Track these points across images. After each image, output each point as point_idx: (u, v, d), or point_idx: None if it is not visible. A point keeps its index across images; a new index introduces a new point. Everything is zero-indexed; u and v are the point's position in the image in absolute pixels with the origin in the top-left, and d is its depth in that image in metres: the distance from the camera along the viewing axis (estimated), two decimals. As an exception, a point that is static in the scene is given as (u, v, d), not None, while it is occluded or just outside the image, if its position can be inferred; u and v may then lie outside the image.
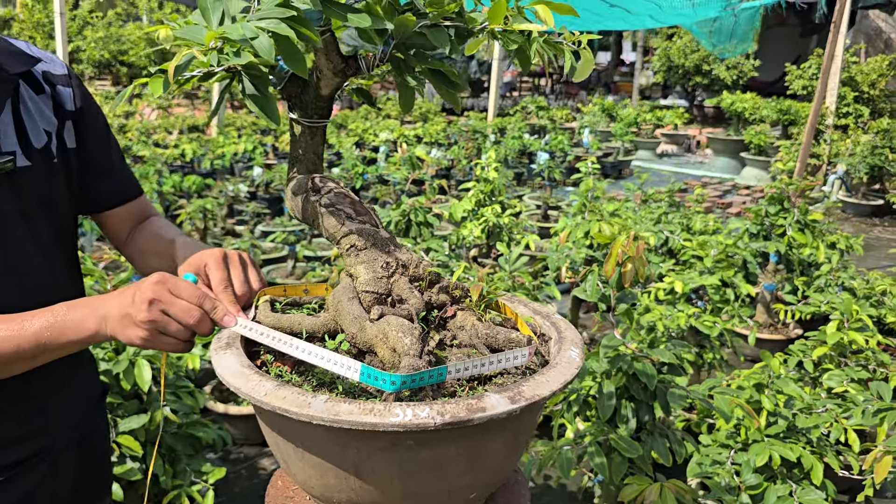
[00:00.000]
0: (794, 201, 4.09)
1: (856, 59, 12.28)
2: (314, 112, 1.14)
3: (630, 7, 7.39)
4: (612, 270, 1.68)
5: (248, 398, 0.85)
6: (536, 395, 0.83)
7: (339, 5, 0.97)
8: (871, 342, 3.07)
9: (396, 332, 0.89)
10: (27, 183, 1.19)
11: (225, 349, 0.96)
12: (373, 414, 0.78)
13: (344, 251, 1.02)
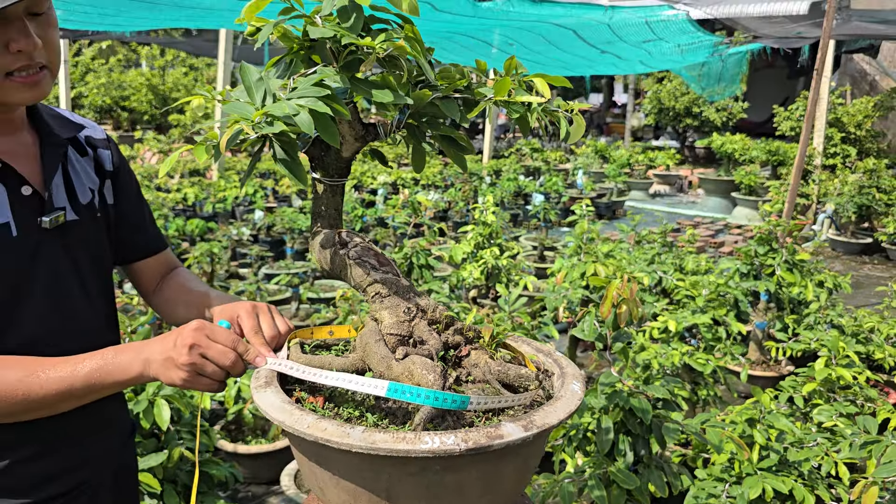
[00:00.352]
0: (783, 241, 4.23)
1: (842, 101, 12.62)
2: (335, 172, 1.27)
3: (621, 53, 7.66)
4: (608, 311, 1.80)
5: (291, 430, 0.96)
6: (546, 424, 0.95)
7: (364, 82, 1.11)
8: (859, 378, 3.18)
9: (420, 370, 1.00)
10: (76, 235, 1.33)
11: (264, 388, 1.07)
12: (405, 442, 0.89)
13: (370, 298, 1.14)
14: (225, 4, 4.76)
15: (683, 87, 14.89)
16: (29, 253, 1.24)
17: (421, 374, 1.00)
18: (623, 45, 7.20)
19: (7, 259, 1.21)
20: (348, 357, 1.13)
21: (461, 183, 10.23)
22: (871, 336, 4.16)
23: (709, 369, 3.24)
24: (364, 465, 0.94)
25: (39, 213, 1.26)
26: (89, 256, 1.36)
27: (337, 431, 0.92)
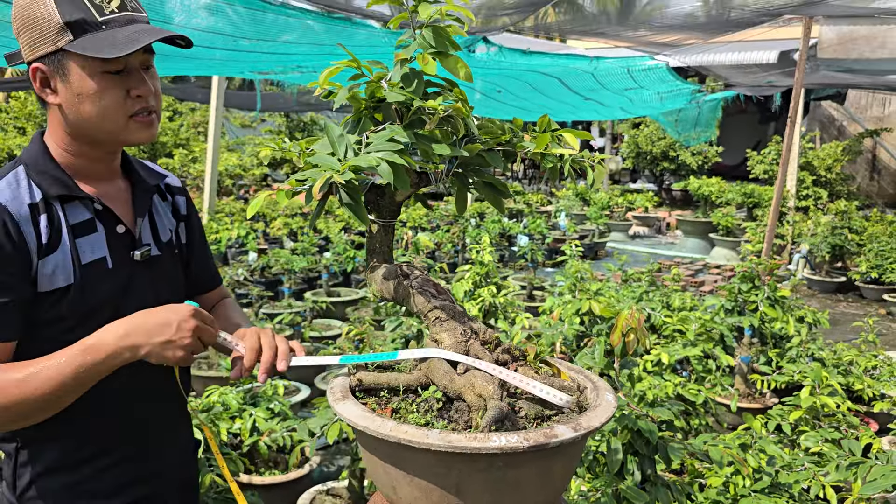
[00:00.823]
0: (764, 279, 4.46)
1: (812, 146, 13.11)
2: (388, 214, 1.45)
3: (603, 100, 7.99)
4: (618, 340, 1.98)
5: (375, 434, 1.11)
6: (591, 426, 1.12)
7: (426, 138, 1.30)
8: (842, 406, 3.38)
9: (482, 382, 1.17)
10: (159, 268, 1.52)
11: (342, 400, 1.23)
12: (477, 440, 1.05)
13: (430, 322, 1.31)
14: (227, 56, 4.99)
15: (660, 131, 15.38)
16: (122, 283, 1.43)
17: (482, 386, 1.17)
18: (606, 93, 7.54)
19: (105, 288, 1.39)
20: (413, 373, 1.29)
21: (447, 225, 10.45)
22: (850, 368, 4.38)
23: (700, 399, 3.41)
24: (437, 463, 1.10)
25: (131, 248, 1.46)
26: (169, 288, 1.55)
27: (417, 433, 1.08)
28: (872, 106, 14.60)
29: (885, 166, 14.73)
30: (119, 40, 1.29)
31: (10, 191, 1.32)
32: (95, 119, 1.34)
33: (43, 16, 1.27)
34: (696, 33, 6.06)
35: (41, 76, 1.33)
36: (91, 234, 1.39)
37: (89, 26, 1.29)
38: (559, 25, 6.09)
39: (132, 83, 1.35)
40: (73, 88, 1.31)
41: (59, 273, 1.33)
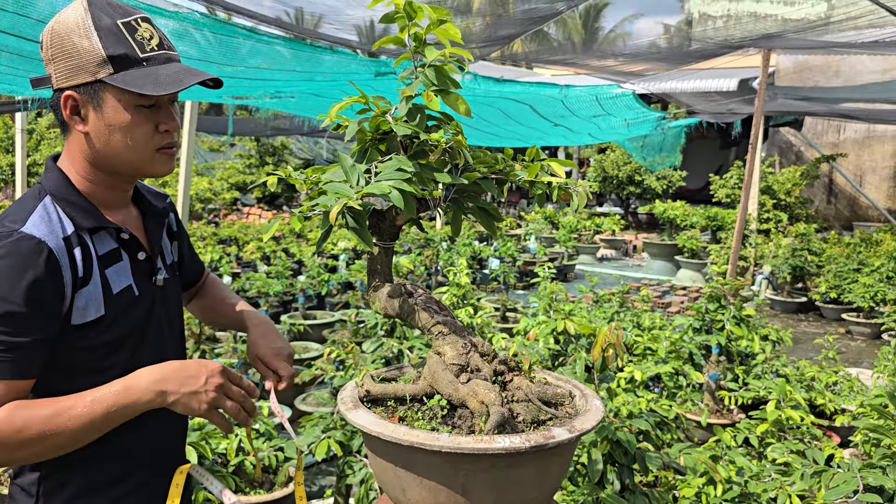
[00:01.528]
0: (730, 299, 4.64)
1: (772, 170, 13.55)
2: (388, 237, 1.56)
3: (572, 126, 8.22)
4: (598, 355, 2.10)
5: (389, 438, 1.20)
6: (584, 428, 1.24)
7: (429, 167, 1.41)
8: (805, 420, 3.55)
9: (483, 390, 1.28)
10: (169, 290, 1.60)
11: (354, 409, 1.32)
12: (483, 442, 1.16)
13: (434, 336, 1.41)
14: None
15: (626, 156, 15.75)
16: (147, 309, 1.50)
17: (484, 394, 1.28)
18: (575, 119, 7.77)
19: (133, 315, 1.46)
20: (418, 384, 1.40)
21: (418, 249, 10.56)
22: (812, 384, 4.57)
23: (672, 414, 3.55)
24: (446, 464, 1.20)
25: (150, 274, 1.53)
26: (176, 308, 1.64)
27: (429, 437, 1.18)
28: (828, 132, 15.15)
29: (841, 190, 15.26)
30: (162, 79, 1.34)
31: (45, 224, 1.34)
32: (123, 150, 1.38)
33: (85, 47, 1.31)
34: (661, 64, 6.32)
35: (72, 104, 1.35)
36: (117, 264, 1.44)
37: (131, 62, 1.34)
38: (526, 54, 6.31)
39: (162, 118, 1.41)
40: (105, 119, 1.35)
41: (91, 306, 1.37)
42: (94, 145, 1.39)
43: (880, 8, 4.61)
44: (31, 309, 1.27)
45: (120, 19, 1.35)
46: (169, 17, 4.14)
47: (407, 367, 1.62)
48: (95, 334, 1.38)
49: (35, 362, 1.30)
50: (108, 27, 1.33)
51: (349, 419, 1.30)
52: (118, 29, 1.34)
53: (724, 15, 7.18)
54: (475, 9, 5.56)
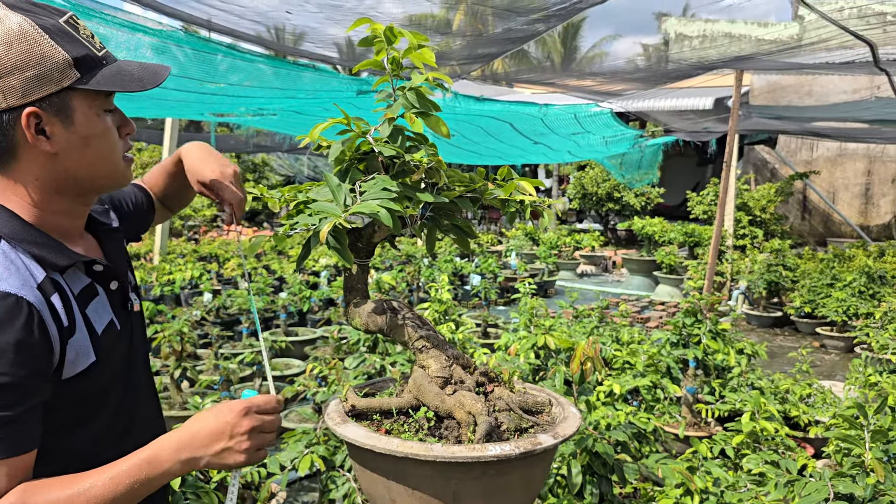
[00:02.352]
0: (706, 314, 4.74)
1: (747, 187, 13.78)
2: (364, 254, 1.61)
3: (552, 144, 8.34)
4: (577, 368, 2.16)
5: (382, 451, 1.22)
6: (566, 433, 1.30)
7: (410, 187, 1.47)
8: (780, 431, 3.63)
9: (470, 400, 1.33)
10: (139, 317, 1.46)
11: (343, 423, 1.35)
12: (476, 450, 1.20)
13: (417, 350, 1.46)
14: (194, 98, 5.11)
15: (605, 174, 15.93)
16: (128, 340, 1.37)
17: (471, 404, 1.33)
18: (554, 137, 7.89)
19: (120, 350, 1.33)
20: (403, 397, 1.44)
21: (399, 266, 10.60)
22: (787, 396, 4.67)
23: (650, 427, 3.62)
24: (437, 474, 1.23)
25: (123, 302, 1.37)
26: (144, 331, 1.50)
27: (422, 447, 1.21)
28: (802, 150, 15.46)
29: (814, 207, 15.55)
30: (136, 74, 1.23)
31: (13, 276, 1.13)
32: (97, 163, 1.23)
33: (44, 53, 1.11)
34: (638, 83, 6.45)
35: (36, 121, 1.14)
36: (95, 300, 1.27)
37: (94, 62, 1.18)
38: (507, 73, 6.42)
39: (120, 121, 1.28)
40: (78, 131, 1.18)
41: (81, 356, 1.21)
42: (63, 165, 1.20)
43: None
44: (23, 376, 1.09)
45: (59, 18, 1.17)
46: (153, 34, 4.19)
47: (387, 381, 1.66)
48: (87, 384, 1.23)
49: (35, 431, 1.13)
50: (55, 27, 1.15)
51: (339, 433, 1.32)
52: (65, 28, 1.17)
53: (699, 35, 7.34)
54: (455, 28, 5.66)
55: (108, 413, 1.29)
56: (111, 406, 1.30)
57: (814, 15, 5.04)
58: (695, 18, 6.96)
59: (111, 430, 1.30)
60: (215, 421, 1.21)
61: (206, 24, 3.89)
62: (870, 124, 9.26)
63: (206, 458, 1.19)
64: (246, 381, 5.23)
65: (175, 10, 3.34)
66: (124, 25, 3.93)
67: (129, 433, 1.34)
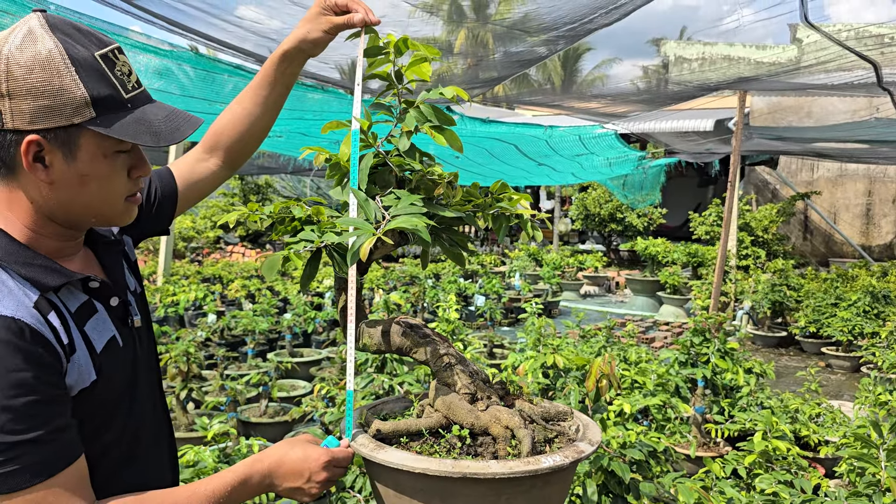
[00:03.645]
0: (714, 333, 4.73)
1: (749, 208, 13.81)
2: (360, 272, 1.58)
3: (556, 166, 8.37)
4: (593, 385, 2.16)
5: (437, 473, 1.17)
6: (597, 440, 1.30)
7: (439, 206, 1.47)
8: (792, 450, 3.61)
9: (507, 415, 1.32)
10: (143, 331, 1.41)
11: (381, 449, 1.28)
12: (531, 464, 1.19)
13: (441, 367, 1.44)
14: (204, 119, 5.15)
15: (607, 194, 15.98)
16: (132, 356, 1.33)
17: (508, 418, 1.32)
18: (558, 159, 7.92)
19: (123, 368, 1.29)
20: (431, 417, 1.41)
21: (403, 286, 10.60)
22: (796, 416, 4.64)
23: (662, 447, 3.60)
24: (490, 492, 1.20)
25: (125, 317, 1.33)
26: (151, 346, 1.46)
27: (479, 465, 1.18)
28: (802, 170, 15.52)
29: (816, 227, 15.58)
30: (156, 126, 1.18)
31: (5, 298, 1.11)
32: (94, 202, 1.20)
33: (63, 86, 1.09)
34: (641, 105, 6.50)
35: (36, 149, 1.11)
36: (93, 317, 1.24)
37: (116, 104, 1.14)
38: (508, 96, 6.47)
39: (135, 162, 1.23)
40: (78, 168, 1.15)
41: (83, 374, 1.18)
42: (56, 196, 1.17)
43: (848, 52, 4.81)
44: (44, 391, 1.09)
45: (97, 51, 1.13)
46: (164, 55, 4.23)
47: (397, 401, 1.62)
48: (91, 402, 1.20)
49: (73, 440, 1.13)
50: (86, 61, 1.11)
51: (378, 460, 1.26)
52: (98, 64, 1.13)
53: (698, 58, 7.41)
54: (457, 50, 5.71)
55: (116, 426, 1.28)
56: (118, 420, 1.28)
57: (812, 38, 5.08)
58: (693, 42, 7.03)
59: (120, 442, 1.29)
60: (301, 463, 1.33)
61: (215, 43, 3.93)
62: (870, 144, 9.30)
63: (281, 489, 1.33)
64: (252, 401, 5.21)
65: (191, 28, 3.37)
66: (136, 46, 3.97)
67: (139, 442, 1.34)
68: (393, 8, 3.57)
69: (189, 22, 3.38)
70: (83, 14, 3.38)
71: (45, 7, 2.85)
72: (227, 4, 3.11)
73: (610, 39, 56.49)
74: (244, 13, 3.52)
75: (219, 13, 3.30)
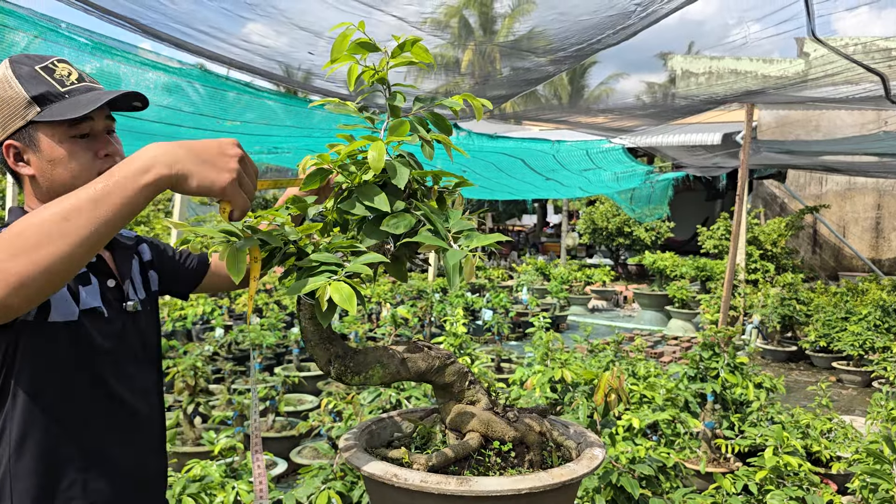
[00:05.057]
0: (724, 347, 4.70)
1: (757, 222, 13.76)
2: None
3: (563, 180, 8.38)
4: (602, 399, 2.14)
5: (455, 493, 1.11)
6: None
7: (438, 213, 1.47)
8: (803, 466, 3.57)
9: (536, 423, 1.34)
10: (143, 323, 1.62)
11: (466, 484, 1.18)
12: (586, 464, 1.21)
13: (465, 387, 1.42)
14: (210, 136, 5.19)
15: (615, 208, 15.96)
16: (117, 332, 1.53)
17: (538, 425, 1.34)
18: (566, 173, 7.93)
19: (102, 335, 1.48)
20: (472, 438, 1.32)
21: (411, 301, 10.59)
22: (807, 431, 4.60)
23: (671, 462, 3.57)
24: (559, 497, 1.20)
25: (120, 300, 1.56)
26: (152, 339, 1.66)
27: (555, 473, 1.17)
28: (811, 184, 15.47)
29: (825, 241, 15.50)
30: (81, 103, 1.41)
31: None
32: (69, 182, 1.42)
33: (10, 95, 1.39)
34: (648, 119, 6.50)
35: (14, 151, 1.43)
36: (87, 286, 1.48)
37: (53, 97, 1.41)
38: (515, 112, 6.49)
39: (98, 145, 1.46)
40: (44, 157, 1.41)
41: (62, 307, 1.39)
42: (42, 184, 1.45)
43: (855, 66, 4.80)
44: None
45: (37, 65, 1.43)
46: (172, 73, 4.26)
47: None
48: (66, 341, 1.40)
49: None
50: (27, 73, 1.41)
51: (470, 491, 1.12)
52: (36, 73, 1.42)
53: (705, 72, 7.43)
54: (464, 68, 5.73)
55: (87, 395, 1.44)
56: (87, 386, 1.45)
57: (820, 52, 5.08)
58: (700, 56, 7.04)
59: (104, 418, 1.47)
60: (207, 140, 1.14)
61: (226, 62, 3.96)
62: (879, 157, 9.26)
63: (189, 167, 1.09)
64: (260, 415, 5.19)
65: (199, 48, 3.40)
66: (145, 63, 4.00)
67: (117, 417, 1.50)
68: (398, 30, 3.59)
69: (197, 42, 3.41)
70: (93, 31, 3.41)
71: (55, 26, 2.88)
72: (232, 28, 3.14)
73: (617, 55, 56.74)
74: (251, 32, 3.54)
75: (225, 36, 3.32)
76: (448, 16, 5.81)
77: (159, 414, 1.67)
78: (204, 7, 2.75)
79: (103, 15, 2.74)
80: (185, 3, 2.67)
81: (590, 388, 3.09)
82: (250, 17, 2.93)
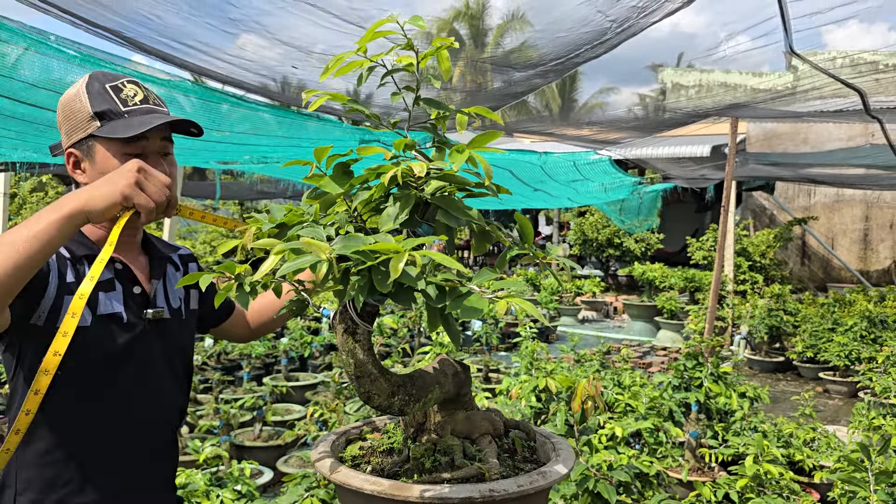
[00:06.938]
0: (707, 357, 4.74)
1: (746, 233, 13.85)
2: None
3: (552, 191, 8.44)
4: (579, 406, 2.18)
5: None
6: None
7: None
8: (785, 475, 3.61)
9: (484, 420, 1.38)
10: (168, 329, 1.69)
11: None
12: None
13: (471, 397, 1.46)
14: (201, 146, 5.22)
15: (605, 220, 16.04)
16: (135, 337, 1.59)
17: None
18: (554, 184, 7.99)
19: (119, 339, 1.56)
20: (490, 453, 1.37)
21: (400, 310, 10.60)
22: (790, 440, 4.64)
23: (653, 471, 3.60)
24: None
25: (144, 307, 1.63)
26: (176, 346, 1.72)
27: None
28: (799, 196, 15.59)
29: (814, 252, 15.61)
30: (134, 124, 1.50)
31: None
32: None
33: (79, 108, 1.52)
34: (635, 132, 6.56)
35: (74, 160, 1.55)
36: (110, 292, 1.57)
37: (114, 115, 1.51)
38: (506, 124, 6.53)
39: (149, 163, 1.49)
40: (97, 168, 1.51)
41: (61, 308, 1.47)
42: None
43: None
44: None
45: (108, 83, 1.55)
46: (161, 84, 4.30)
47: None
48: (77, 344, 1.39)
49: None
50: (96, 90, 1.53)
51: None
52: (104, 90, 1.53)
53: (695, 85, 7.53)
54: (454, 82, 5.79)
55: (105, 402, 1.53)
56: (105, 394, 1.53)
57: (807, 65, 5.16)
58: (690, 69, 7.13)
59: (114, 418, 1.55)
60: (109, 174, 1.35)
61: (216, 76, 4.00)
62: (866, 168, 9.37)
63: (92, 192, 1.30)
64: (246, 425, 5.20)
65: (186, 61, 3.43)
66: (134, 75, 4.03)
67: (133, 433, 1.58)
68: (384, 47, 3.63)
69: (186, 57, 3.45)
70: (83, 44, 3.44)
71: (45, 39, 2.91)
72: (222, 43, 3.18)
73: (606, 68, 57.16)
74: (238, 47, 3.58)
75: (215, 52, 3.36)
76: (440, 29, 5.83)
77: (172, 419, 1.72)
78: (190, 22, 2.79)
79: (90, 28, 2.78)
80: (171, 17, 2.71)
81: (569, 396, 3.13)
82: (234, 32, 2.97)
